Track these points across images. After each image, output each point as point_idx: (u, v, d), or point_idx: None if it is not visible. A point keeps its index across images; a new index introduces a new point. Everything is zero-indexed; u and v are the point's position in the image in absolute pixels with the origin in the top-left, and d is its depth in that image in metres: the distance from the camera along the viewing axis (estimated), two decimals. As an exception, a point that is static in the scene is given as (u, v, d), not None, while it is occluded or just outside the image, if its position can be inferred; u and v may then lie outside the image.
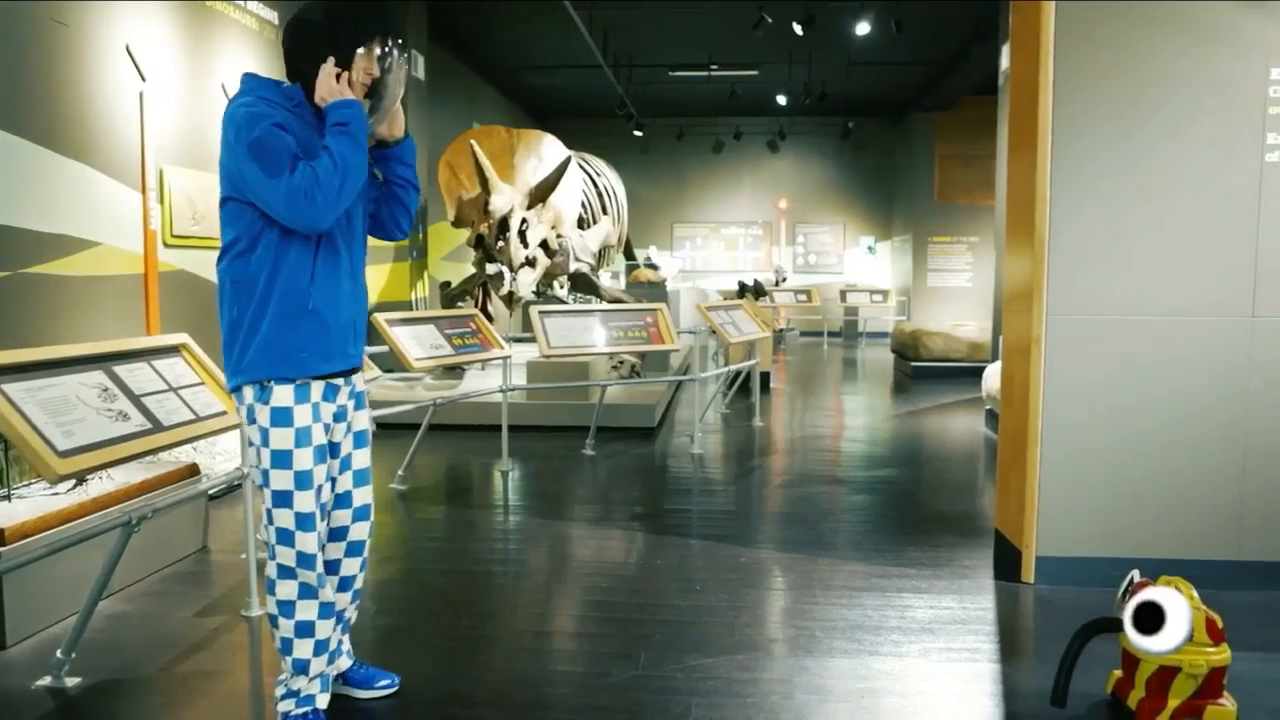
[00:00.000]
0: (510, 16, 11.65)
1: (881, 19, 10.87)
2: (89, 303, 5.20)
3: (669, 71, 14.38)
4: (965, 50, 12.48)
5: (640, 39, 12.86)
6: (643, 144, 17.55)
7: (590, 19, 11.12)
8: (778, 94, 14.83)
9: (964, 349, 10.89)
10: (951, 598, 3.58)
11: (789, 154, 18.06)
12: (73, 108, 5.11)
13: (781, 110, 15.97)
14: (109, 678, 2.88)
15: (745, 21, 10.88)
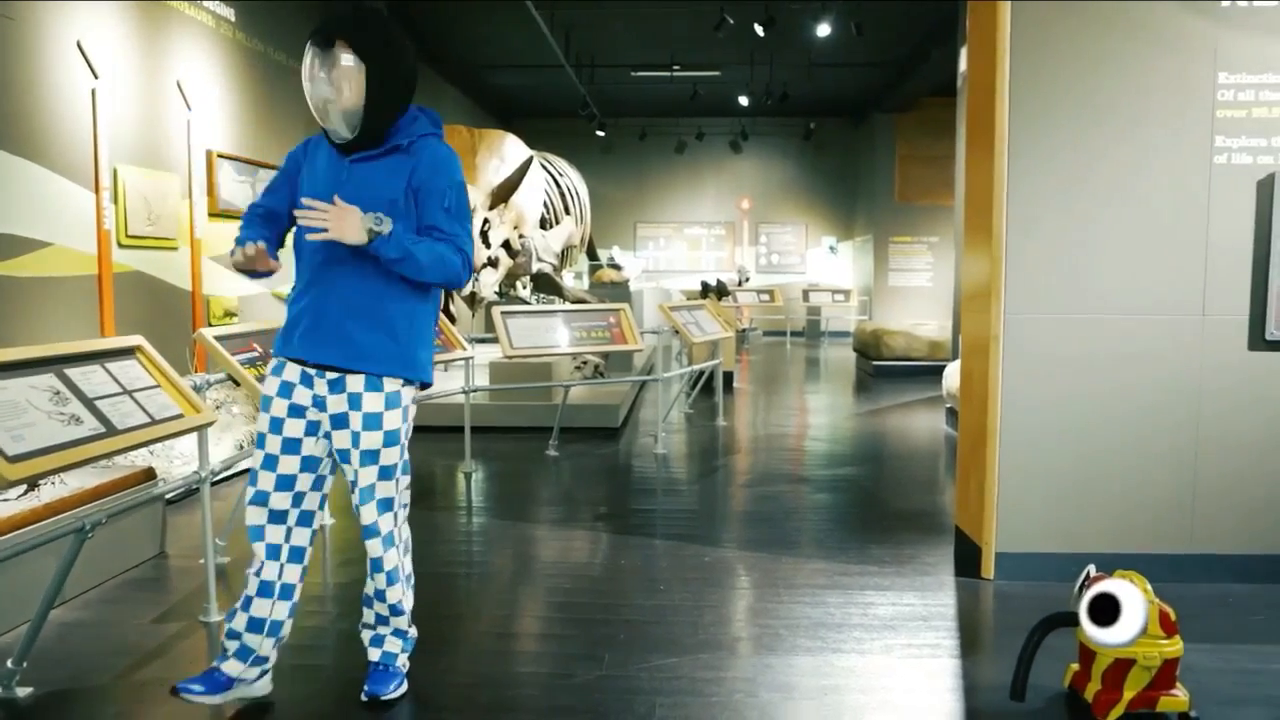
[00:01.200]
0: (472, 16, 11.60)
1: (842, 20, 10.96)
2: (40, 304, 5.10)
3: (631, 72, 14.39)
4: (925, 52, 12.61)
5: (602, 39, 12.86)
6: (605, 144, 17.54)
7: (552, 18, 11.10)
8: (739, 95, 14.90)
9: (924, 348, 11.01)
10: (913, 594, 3.61)
11: (751, 154, 18.14)
12: (21, 104, 5.00)
13: (744, 111, 16.04)
14: (62, 687, 2.83)
15: (707, 22, 10.92)
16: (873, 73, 14.45)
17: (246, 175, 7.48)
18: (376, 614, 2.76)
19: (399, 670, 2.79)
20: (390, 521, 2.65)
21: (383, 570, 2.66)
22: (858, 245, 18.25)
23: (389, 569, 2.66)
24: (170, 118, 6.50)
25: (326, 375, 2.53)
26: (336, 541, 4.40)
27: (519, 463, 6.12)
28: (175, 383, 3.09)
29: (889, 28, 11.89)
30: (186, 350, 6.46)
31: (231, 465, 4.04)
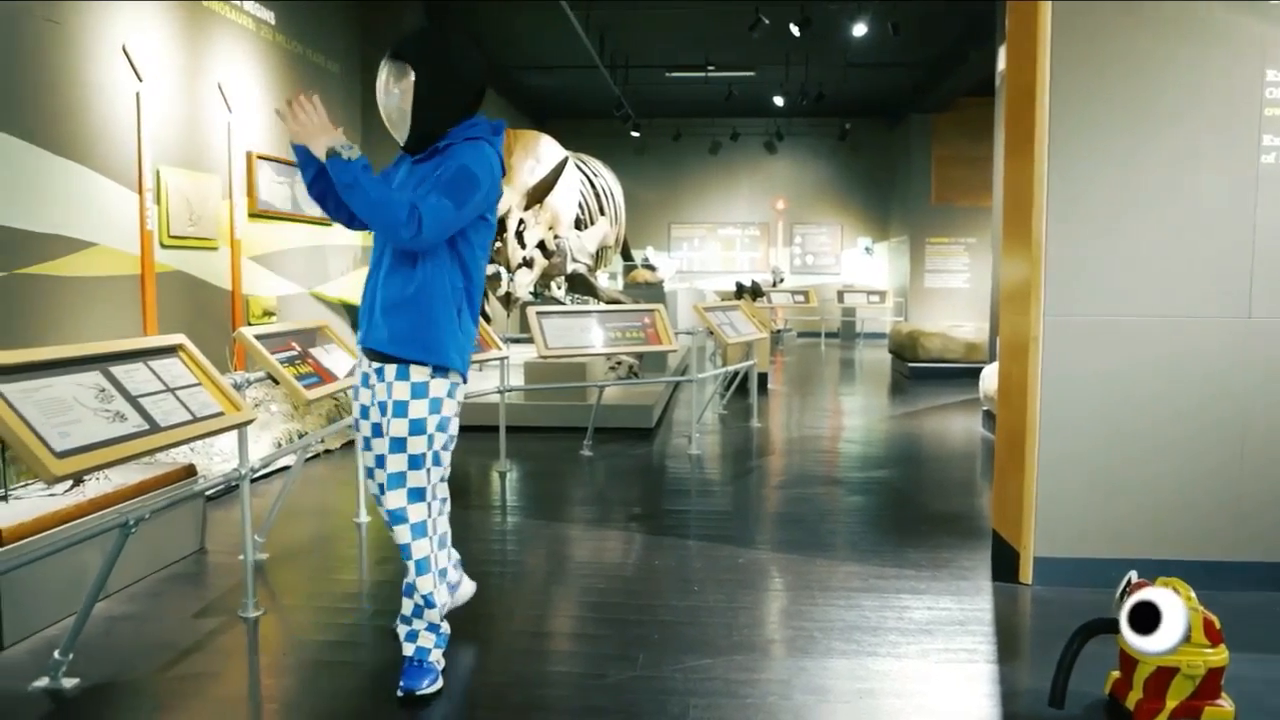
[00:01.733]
0: (507, 17, 11.65)
1: (878, 20, 10.88)
2: (85, 303, 5.20)
3: (666, 72, 14.39)
4: (962, 51, 12.49)
5: (637, 39, 12.86)
6: (640, 145, 17.55)
7: (587, 19, 11.13)
8: (775, 95, 14.84)
9: (961, 350, 10.90)
10: (949, 599, 3.58)
11: (786, 155, 18.07)
12: (68, 107, 5.10)
13: (778, 111, 15.98)
14: (106, 679, 2.88)
15: (742, 23, 10.89)
16: (909, 73, 14.34)
17: (285, 176, 7.57)
18: (413, 605, 2.80)
19: (433, 666, 2.82)
20: (422, 511, 2.73)
21: (412, 558, 2.72)
22: (893, 246, 18.11)
23: (418, 558, 2.72)
24: (211, 120, 6.59)
25: (374, 363, 2.72)
26: (372, 540, 4.43)
27: (553, 462, 6.14)
28: (216, 381, 3.13)
29: (925, 27, 11.79)
30: (226, 349, 6.55)
31: (270, 463, 4.09)
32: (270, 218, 7.38)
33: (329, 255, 8.56)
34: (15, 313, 4.67)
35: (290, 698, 2.81)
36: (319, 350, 4.14)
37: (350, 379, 4.17)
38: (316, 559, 4.15)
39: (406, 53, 2.60)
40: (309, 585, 3.81)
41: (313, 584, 3.82)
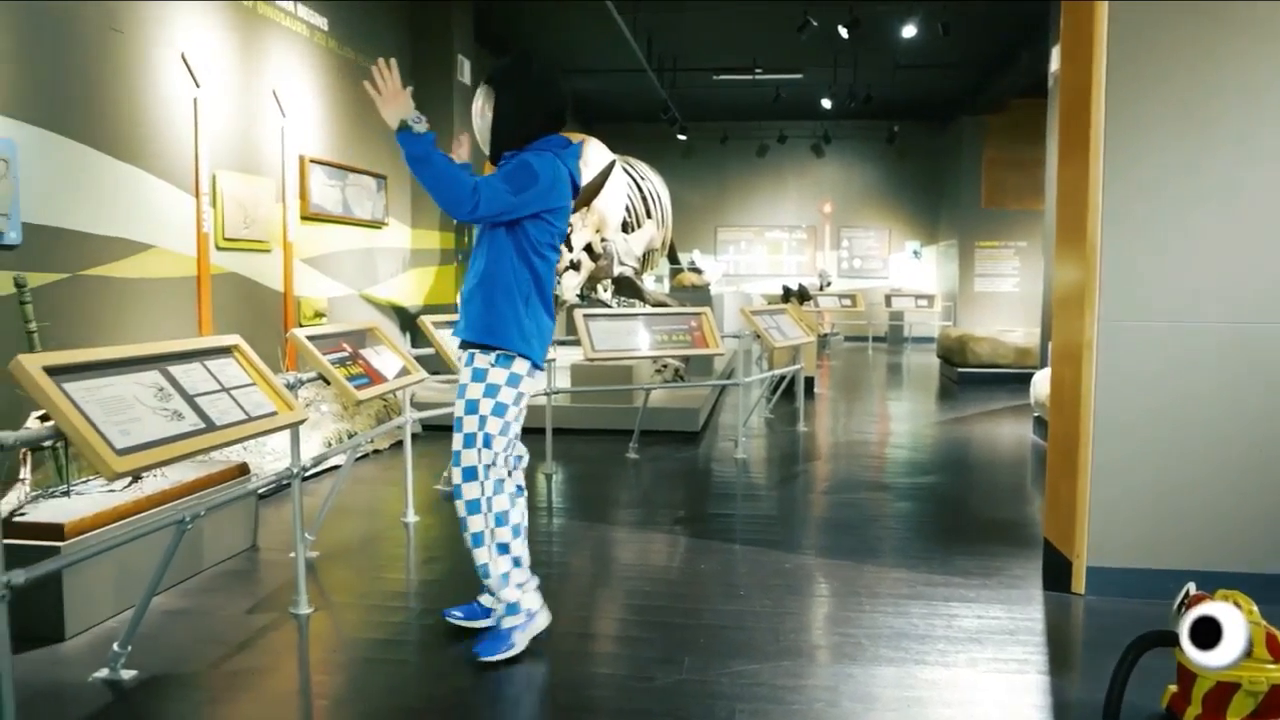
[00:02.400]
0: (555, 20, 11.72)
1: (928, 21, 10.77)
2: (143, 304, 5.32)
3: (713, 75, 14.37)
4: (1014, 52, 12.32)
5: (684, 42, 12.86)
6: (686, 148, 17.55)
7: (634, 22, 11.15)
8: (822, 97, 14.75)
9: (1011, 355, 10.75)
10: (999, 607, 3.53)
11: (833, 158, 17.95)
12: (130, 114, 5.22)
13: (826, 114, 15.88)
14: (162, 672, 2.94)
15: (790, 25, 10.84)
16: (959, 74, 14.17)
17: (337, 180, 7.68)
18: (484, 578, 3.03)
19: (507, 634, 3.00)
20: (476, 490, 2.93)
21: (467, 531, 2.97)
22: (942, 250, 17.91)
23: (473, 531, 2.96)
24: (265, 124, 6.71)
25: (464, 351, 2.99)
26: (420, 540, 4.48)
27: (599, 465, 6.15)
28: (270, 381, 3.18)
29: (976, 28, 11.65)
30: (278, 349, 6.66)
31: (321, 462, 4.15)
32: (322, 220, 7.50)
33: (379, 258, 8.67)
34: (77, 312, 4.79)
35: (340, 694, 2.84)
36: (369, 351, 4.19)
37: (399, 380, 4.22)
38: (365, 558, 4.20)
39: (495, 77, 2.93)
40: (358, 584, 3.86)
41: (362, 582, 3.87)
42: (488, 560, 2.96)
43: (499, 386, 2.90)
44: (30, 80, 4.49)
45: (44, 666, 2.98)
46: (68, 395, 2.37)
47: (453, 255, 9.71)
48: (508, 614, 3.01)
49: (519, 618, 3.03)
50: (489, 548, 2.96)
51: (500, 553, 2.97)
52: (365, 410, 6.46)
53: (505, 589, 2.98)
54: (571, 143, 2.99)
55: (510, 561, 2.99)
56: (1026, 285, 15.69)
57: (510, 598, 3.00)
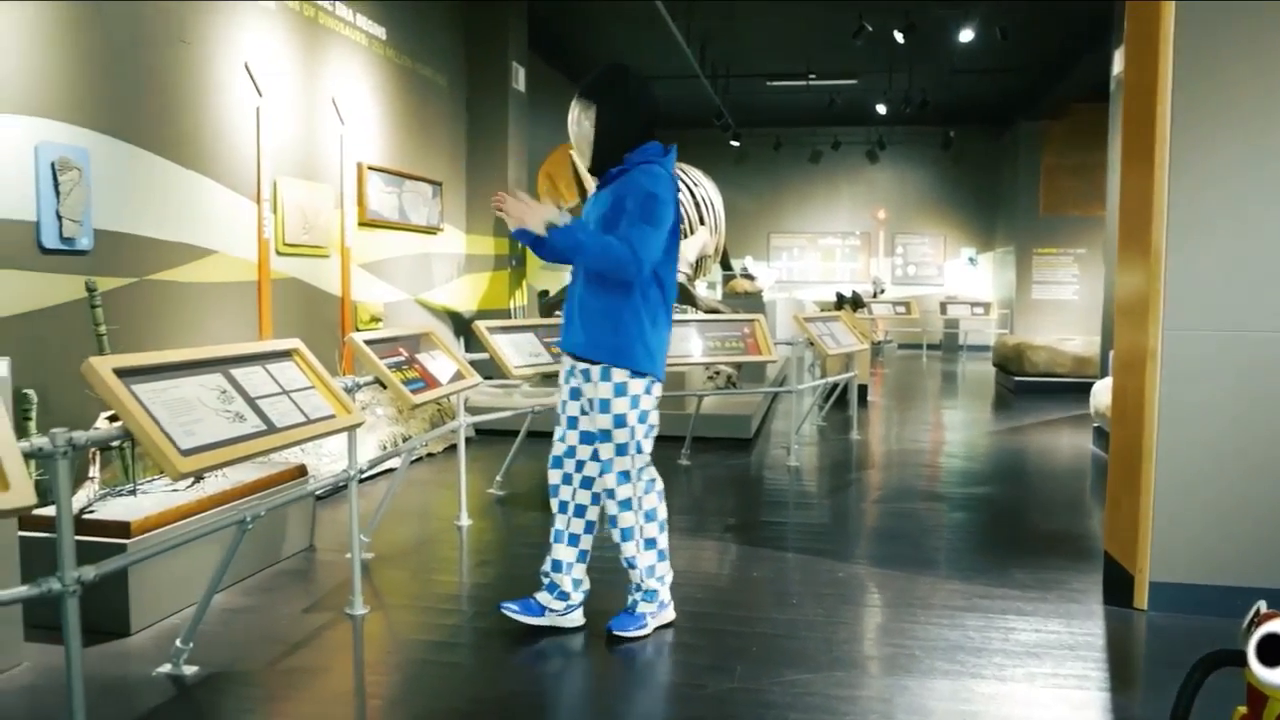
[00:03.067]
0: (608, 27, 11.78)
1: (986, 25, 10.63)
2: (206, 307, 5.44)
3: (767, 81, 14.32)
4: (1074, 55, 12.11)
5: (738, 49, 12.84)
6: (739, 154, 17.49)
7: (688, 29, 11.16)
8: (877, 103, 14.63)
9: (1070, 364, 10.55)
10: (1058, 621, 3.46)
11: (888, 164, 17.77)
12: (195, 122, 5.35)
13: (881, 119, 15.74)
14: (222, 668, 3.00)
15: (845, 30, 10.77)
16: (1017, 78, 13.96)
17: (394, 186, 7.79)
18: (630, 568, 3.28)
19: (641, 615, 3.26)
20: (628, 490, 3.19)
21: (618, 527, 3.22)
22: (999, 257, 17.64)
23: (624, 527, 3.21)
24: (325, 132, 6.84)
25: (579, 365, 3.17)
26: (473, 544, 4.52)
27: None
28: (328, 384, 3.24)
29: (1035, 31, 11.46)
30: (335, 353, 6.77)
31: (377, 464, 4.21)
32: (379, 226, 7.61)
33: (434, 263, 8.77)
34: (143, 315, 4.92)
35: (394, 695, 2.88)
36: (425, 356, 4.24)
37: (454, 385, 4.26)
38: (419, 560, 4.25)
39: (591, 90, 3.09)
40: (411, 585, 3.90)
41: (415, 585, 3.91)
42: (635, 553, 3.23)
43: (640, 396, 3.13)
44: (102, 91, 4.63)
45: (110, 660, 3.06)
46: (136, 397, 2.44)
47: (506, 261, 9.79)
48: (645, 599, 3.28)
49: (654, 605, 3.30)
50: (637, 541, 3.22)
51: (647, 547, 3.24)
52: (419, 414, 6.54)
53: (650, 579, 3.26)
54: (672, 149, 3.17)
55: (656, 555, 3.27)
56: (1086, 293, 15.39)
57: (652, 586, 3.28)
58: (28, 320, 4.17)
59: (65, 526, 2.21)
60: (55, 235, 4.28)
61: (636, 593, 3.29)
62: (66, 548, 2.21)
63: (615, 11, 11.00)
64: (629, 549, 3.24)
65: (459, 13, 9.37)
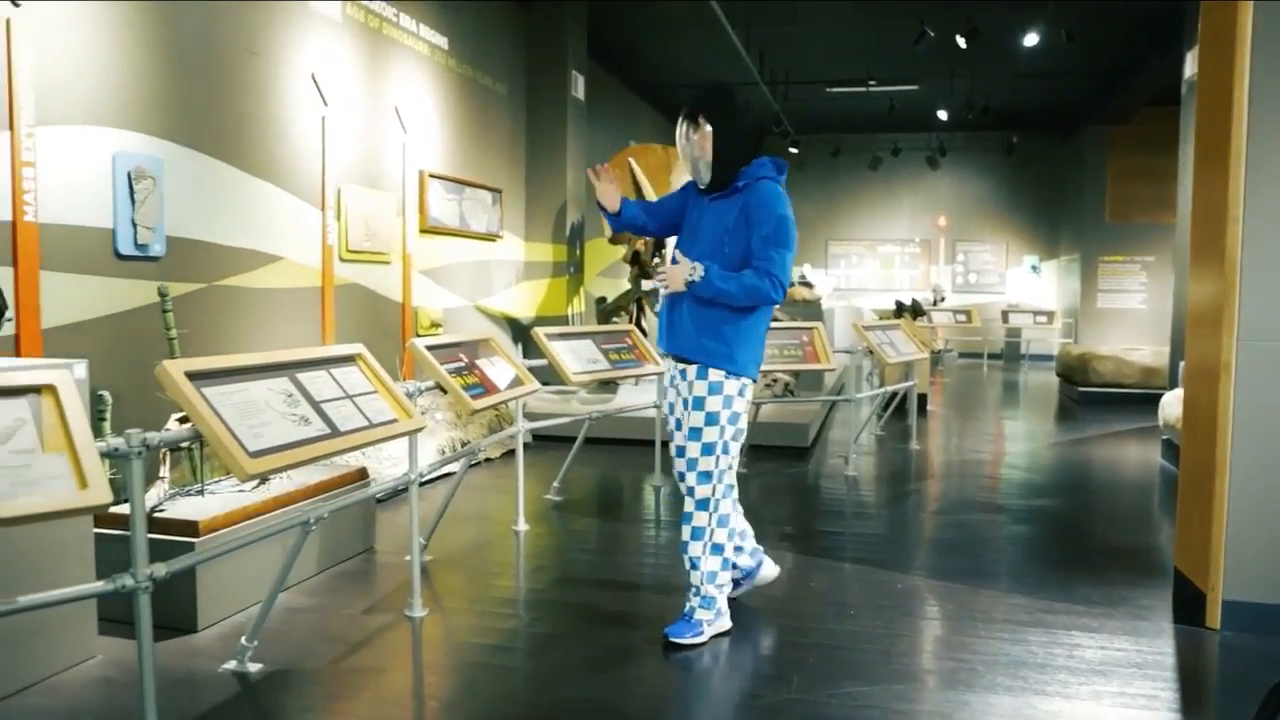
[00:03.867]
0: (668, 35, 11.79)
1: (1051, 28, 10.43)
2: (271, 312, 5.56)
3: (826, 88, 14.22)
4: (1142, 58, 11.83)
5: (797, 55, 12.77)
6: (798, 161, 17.40)
7: (748, 36, 11.14)
8: (938, 109, 14.44)
9: (1137, 374, 10.29)
10: (1125, 639, 3.37)
11: (949, 170, 17.53)
12: (263, 132, 5.48)
13: (942, 125, 15.53)
14: (285, 666, 3.06)
15: (906, 36, 10.65)
16: (1082, 83, 13.67)
17: (454, 194, 7.89)
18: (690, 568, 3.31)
19: (698, 623, 3.26)
20: (708, 490, 3.24)
21: (691, 524, 3.27)
22: (1063, 265, 17.29)
23: (696, 526, 3.26)
24: (388, 141, 6.95)
25: (679, 366, 3.30)
26: (530, 549, 4.55)
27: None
28: (390, 389, 3.28)
29: (1102, 34, 11.22)
30: (396, 358, 6.87)
31: (437, 469, 4.26)
32: (439, 233, 7.71)
33: (493, 270, 8.86)
34: (212, 319, 5.04)
35: (451, 697, 2.91)
36: (484, 361, 4.28)
37: (513, 390, 4.30)
38: (476, 564, 4.29)
39: (702, 110, 3.20)
40: (469, 589, 3.94)
41: (473, 588, 3.95)
42: (701, 555, 3.26)
43: (733, 397, 3.22)
44: (175, 101, 4.76)
45: (178, 656, 3.13)
46: (206, 399, 2.50)
47: (565, 268, 9.85)
48: (703, 607, 3.28)
49: (711, 613, 3.29)
50: (706, 544, 3.26)
51: (714, 552, 3.27)
52: (477, 419, 6.60)
53: (709, 585, 3.27)
54: (783, 164, 3.31)
55: (720, 562, 3.28)
56: (1154, 302, 15.01)
57: (711, 593, 3.28)
58: (103, 324, 4.30)
59: (139, 525, 2.28)
60: (130, 242, 4.41)
61: (695, 598, 3.30)
62: (140, 545, 2.27)
63: (674, 19, 11.01)
64: (695, 549, 3.27)
65: (519, 22, 9.47)
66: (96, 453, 2.14)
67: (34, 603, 2.21)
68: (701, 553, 3.26)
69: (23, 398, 2.12)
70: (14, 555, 2.79)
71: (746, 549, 3.59)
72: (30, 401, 2.13)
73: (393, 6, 6.97)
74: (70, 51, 4.14)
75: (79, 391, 2.95)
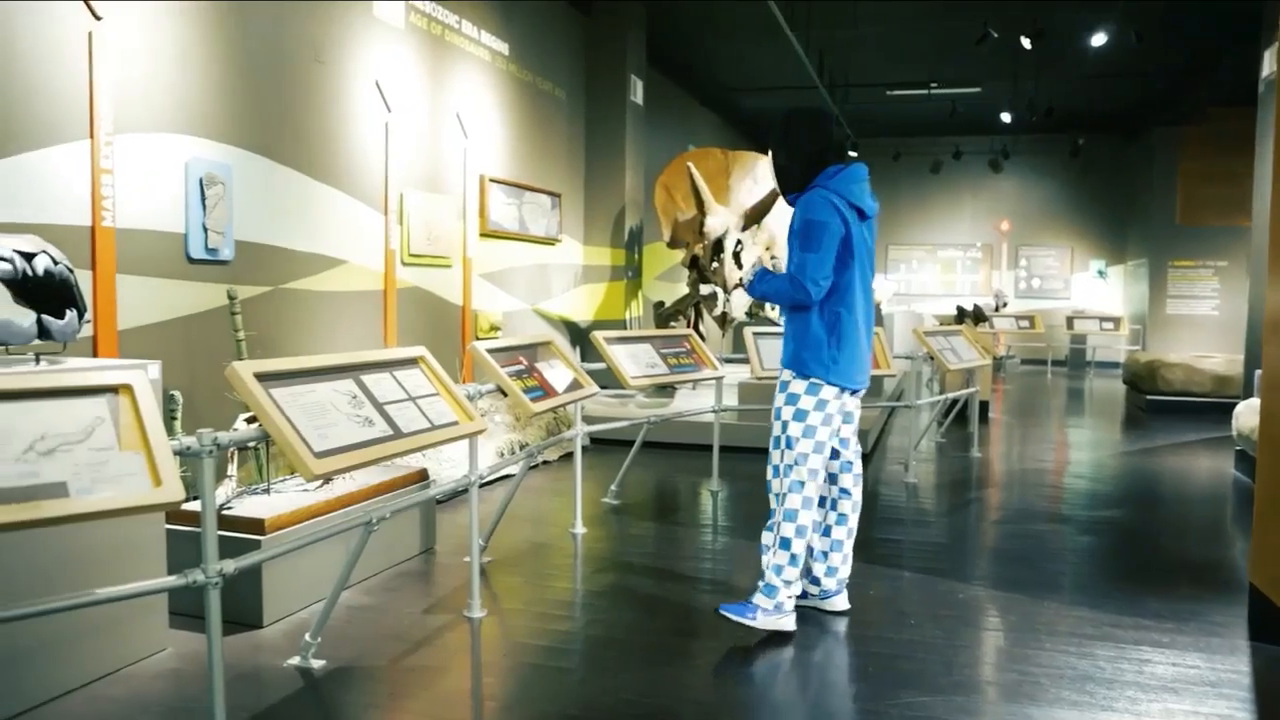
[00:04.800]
0: (727, 40, 11.77)
1: (1120, 28, 10.19)
2: (335, 315, 5.66)
3: (886, 91, 14.07)
4: (1215, 57, 11.50)
5: (857, 59, 12.66)
6: (856, 164, 17.24)
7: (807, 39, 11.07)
8: (1001, 111, 14.19)
9: (1208, 382, 10.00)
10: (1197, 655, 3.28)
11: (1012, 173, 17.24)
12: (329, 138, 5.59)
13: (1005, 128, 15.26)
14: (347, 663, 3.11)
15: (968, 37, 10.49)
16: (1152, 83, 13.33)
17: (514, 198, 7.96)
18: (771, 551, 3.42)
19: (753, 607, 3.35)
20: (778, 484, 3.43)
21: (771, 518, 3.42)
22: (1130, 270, 16.87)
23: (770, 522, 3.43)
24: (449, 146, 7.04)
25: None
26: (587, 552, 4.56)
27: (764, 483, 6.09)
28: (452, 391, 3.32)
29: (1173, 34, 10.94)
30: (456, 360, 6.95)
31: (497, 471, 4.29)
32: (499, 237, 7.78)
33: (552, 274, 8.92)
34: (278, 321, 5.15)
35: (508, 698, 2.93)
36: (543, 365, 4.31)
37: (572, 394, 4.32)
38: (534, 566, 4.32)
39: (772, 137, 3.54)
40: (526, 590, 3.97)
41: (530, 590, 3.98)
42: (769, 543, 3.39)
43: (799, 395, 3.40)
44: (244, 109, 4.88)
45: (244, 650, 3.20)
46: (274, 400, 2.55)
47: (623, 272, 9.88)
48: (763, 593, 3.36)
49: (770, 603, 3.35)
50: (776, 535, 3.38)
51: (782, 546, 3.36)
52: (535, 422, 6.65)
53: (773, 575, 3.36)
54: (844, 167, 3.42)
55: (788, 557, 3.36)
56: (1227, 308, 14.58)
57: (771, 581, 3.36)
58: (174, 326, 4.42)
59: (209, 522, 2.33)
60: (201, 246, 4.53)
61: (760, 581, 3.40)
62: (210, 542, 2.33)
63: (733, 23, 10.99)
64: (766, 538, 3.42)
65: (579, 27, 9.53)
66: (170, 451, 2.19)
67: (110, 595, 2.28)
68: (770, 542, 3.40)
69: (101, 397, 2.19)
70: (90, 550, 2.88)
71: (839, 574, 3.65)
72: (108, 401, 2.20)
73: (454, 14, 7.06)
74: (146, 62, 4.26)
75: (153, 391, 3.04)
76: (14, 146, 3.64)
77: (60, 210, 3.84)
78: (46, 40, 3.77)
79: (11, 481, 1.94)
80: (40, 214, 3.74)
